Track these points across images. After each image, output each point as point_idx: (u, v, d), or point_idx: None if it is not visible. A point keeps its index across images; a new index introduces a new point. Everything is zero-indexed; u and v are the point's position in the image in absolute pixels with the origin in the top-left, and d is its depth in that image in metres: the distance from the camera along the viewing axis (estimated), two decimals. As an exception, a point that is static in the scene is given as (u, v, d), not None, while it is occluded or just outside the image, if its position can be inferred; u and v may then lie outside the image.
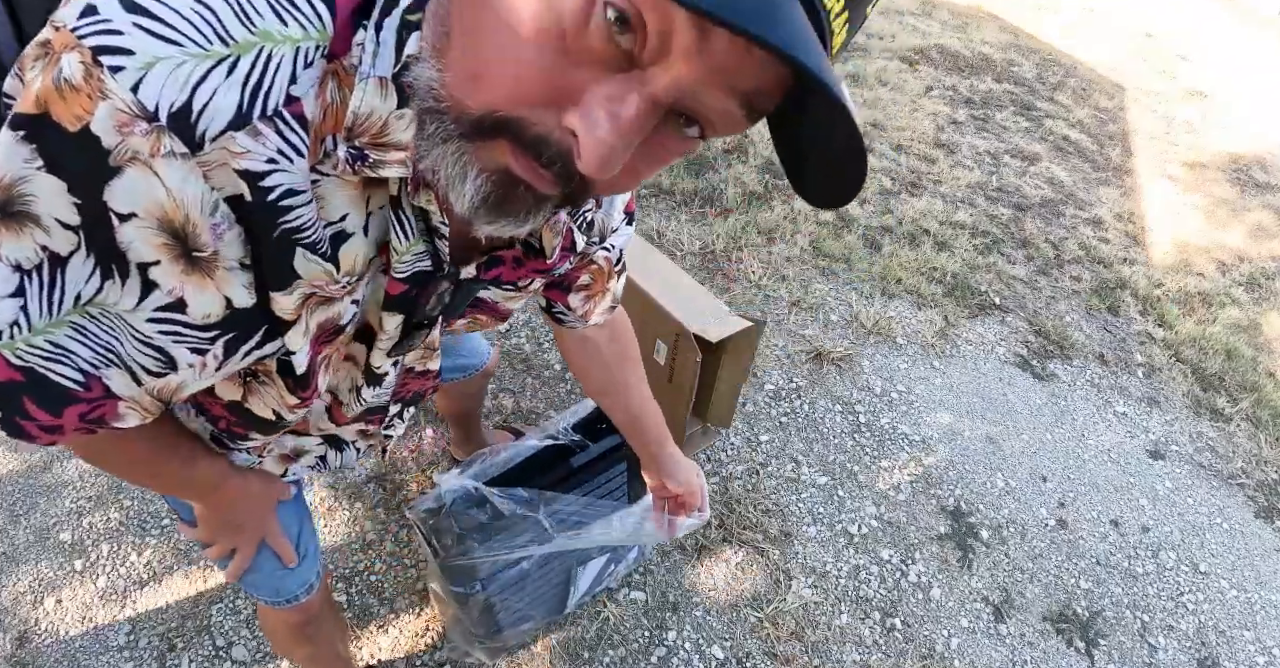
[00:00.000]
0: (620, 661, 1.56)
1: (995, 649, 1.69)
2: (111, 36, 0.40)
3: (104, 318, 0.48)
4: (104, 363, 0.50)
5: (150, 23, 0.41)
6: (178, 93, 0.41)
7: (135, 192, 0.42)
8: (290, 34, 0.43)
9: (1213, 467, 2.24)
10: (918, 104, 3.85)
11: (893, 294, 2.61)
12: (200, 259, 0.45)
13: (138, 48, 0.40)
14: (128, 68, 0.40)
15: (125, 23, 0.40)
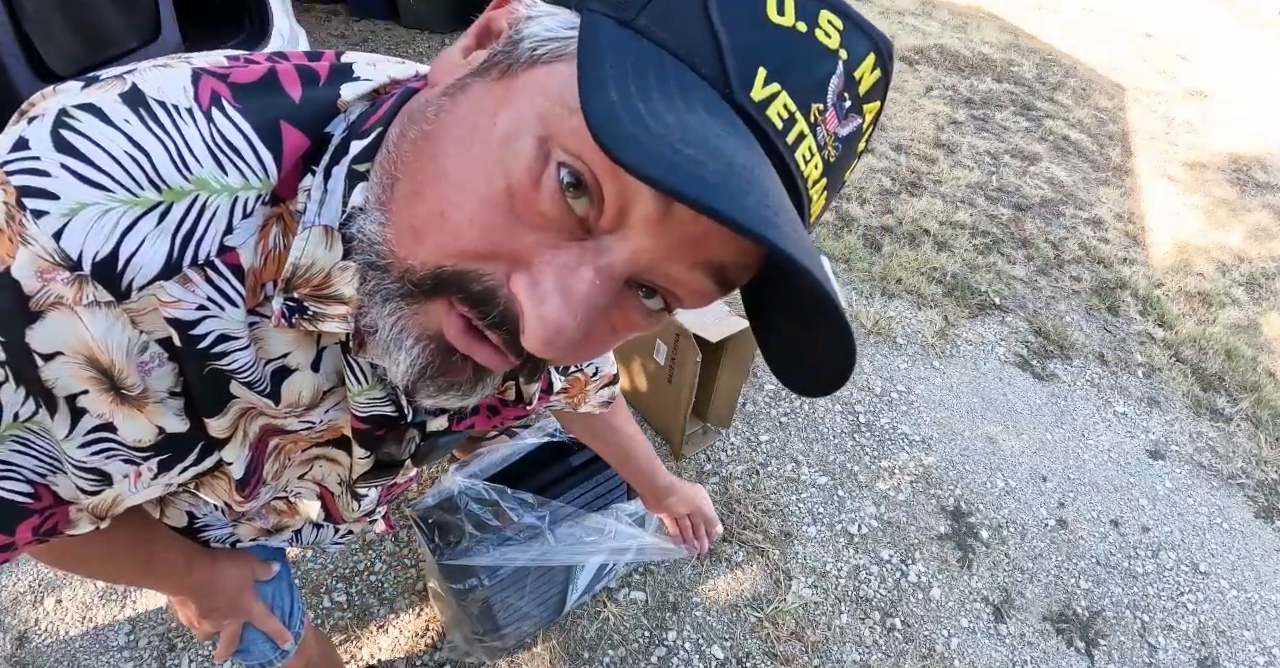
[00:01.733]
0: (620, 661, 1.56)
1: (995, 649, 1.69)
2: (38, 177, 0.38)
3: (45, 433, 0.46)
4: (50, 470, 0.48)
5: (79, 164, 0.39)
6: (102, 242, 0.39)
7: (57, 335, 0.40)
8: (229, 183, 0.41)
9: (1213, 467, 2.24)
10: (918, 104, 3.85)
11: (893, 294, 2.61)
12: (128, 394, 0.44)
13: (63, 192, 0.38)
14: (51, 213, 0.38)
15: (53, 163, 0.38)
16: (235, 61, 0.44)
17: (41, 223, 0.38)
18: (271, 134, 0.42)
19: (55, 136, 0.39)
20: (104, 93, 0.40)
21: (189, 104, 0.41)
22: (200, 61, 0.44)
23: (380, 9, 4.24)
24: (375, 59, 0.48)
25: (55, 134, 0.39)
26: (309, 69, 0.45)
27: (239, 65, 0.44)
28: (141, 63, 0.43)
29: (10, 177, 0.38)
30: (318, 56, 0.47)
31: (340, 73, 0.46)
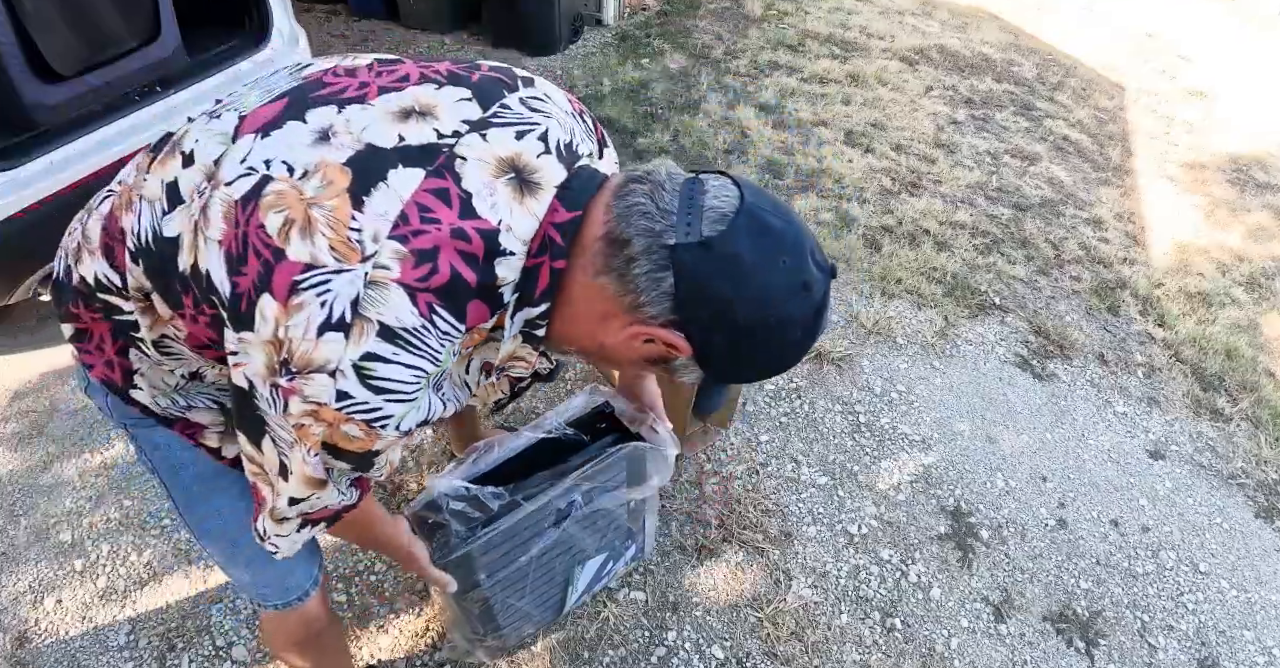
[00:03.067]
0: (620, 661, 1.56)
1: (995, 649, 1.69)
2: (375, 412, 0.63)
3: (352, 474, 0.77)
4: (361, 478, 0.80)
5: (392, 397, 0.63)
6: (420, 417, 0.67)
7: (392, 451, 0.73)
8: (451, 350, 0.65)
9: (1213, 467, 2.24)
10: (918, 104, 3.85)
11: (893, 294, 2.61)
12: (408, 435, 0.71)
13: (394, 412, 0.64)
14: (390, 424, 0.64)
15: (379, 401, 0.62)
16: (424, 264, 0.61)
17: (387, 429, 0.65)
18: (462, 313, 0.65)
19: (368, 386, 0.61)
20: (368, 339, 0.60)
21: (419, 322, 0.61)
22: (393, 265, 0.60)
23: (380, 9, 4.24)
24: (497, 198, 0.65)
25: (366, 384, 0.61)
26: (471, 254, 0.63)
27: (428, 268, 0.61)
28: (349, 277, 0.60)
29: (354, 416, 0.63)
30: (472, 214, 0.64)
31: (492, 248, 0.64)
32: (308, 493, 0.73)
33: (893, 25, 4.75)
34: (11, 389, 1.97)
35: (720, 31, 4.37)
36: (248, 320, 0.62)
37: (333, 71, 0.72)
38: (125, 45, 1.99)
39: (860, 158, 3.34)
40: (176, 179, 0.69)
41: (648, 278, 0.62)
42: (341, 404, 0.60)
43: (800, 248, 0.64)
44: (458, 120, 0.66)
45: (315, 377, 0.59)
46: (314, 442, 0.65)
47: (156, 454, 0.92)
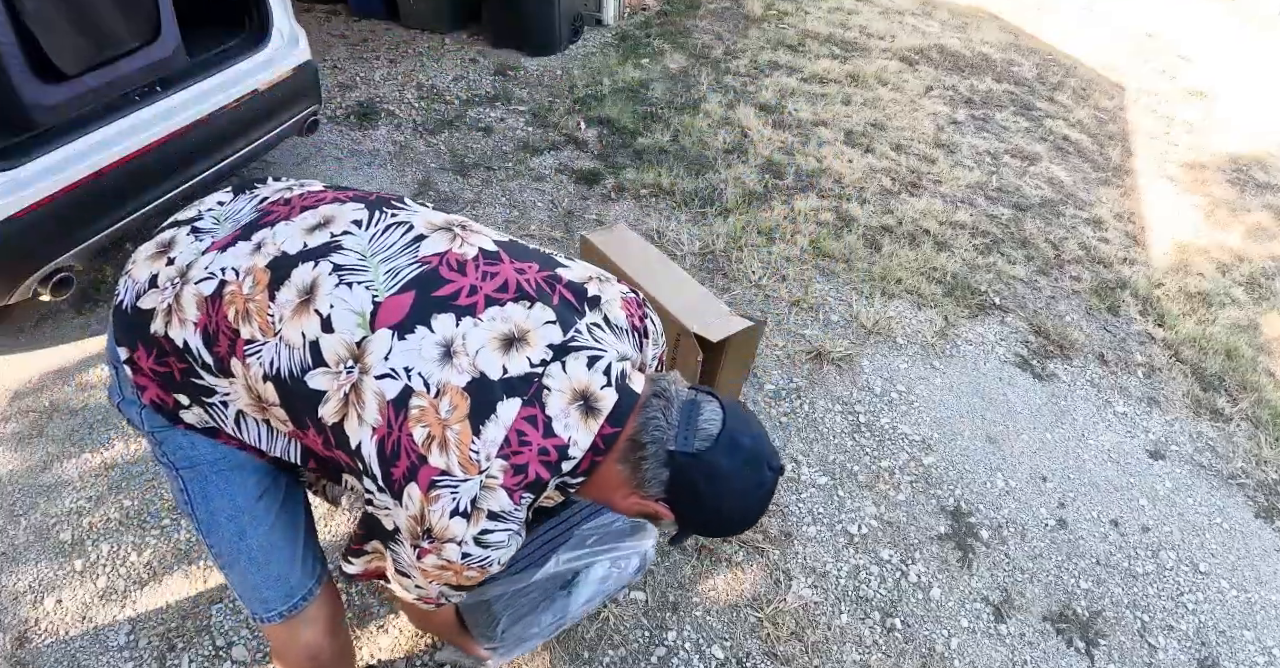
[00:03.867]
0: (620, 661, 1.56)
1: (995, 649, 1.69)
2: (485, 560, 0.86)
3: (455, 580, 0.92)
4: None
5: (497, 547, 0.86)
6: (511, 555, 0.89)
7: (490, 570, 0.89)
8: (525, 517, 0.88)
9: (1213, 467, 2.24)
10: (918, 104, 3.85)
11: (893, 294, 2.61)
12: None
13: (497, 556, 0.86)
14: (494, 563, 0.87)
15: (489, 553, 0.86)
16: (519, 474, 0.84)
17: (492, 567, 0.87)
18: (538, 496, 0.87)
19: (481, 545, 0.84)
20: (482, 521, 0.83)
21: (513, 507, 0.84)
22: (499, 474, 0.83)
23: (380, 9, 4.24)
24: (569, 420, 0.86)
25: (480, 545, 0.84)
26: (549, 462, 0.85)
27: (522, 477, 0.83)
28: (470, 483, 0.83)
29: (473, 565, 0.85)
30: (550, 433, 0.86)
31: (563, 456, 0.85)
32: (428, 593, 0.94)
33: (893, 25, 4.75)
34: (11, 389, 1.97)
35: (720, 31, 4.37)
36: (398, 495, 0.84)
37: (446, 262, 0.91)
38: (126, 46, 1.99)
39: (860, 158, 3.34)
40: (319, 340, 0.87)
41: (651, 471, 0.89)
42: (465, 560, 0.85)
43: (759, 459, 0.90)
44: (544, 346, 0.87)
45: (448, 546, 0.84)
46: (441, 580, 0.89)
47: (179, 453, 0.99)
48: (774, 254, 2.69)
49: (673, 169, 3.05)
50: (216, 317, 0.89)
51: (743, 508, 0.93)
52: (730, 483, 0.90)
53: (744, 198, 2.95)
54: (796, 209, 2.92)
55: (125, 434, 1.87)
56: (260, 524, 1.02)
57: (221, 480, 0.99)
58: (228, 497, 1.00)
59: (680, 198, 2.90)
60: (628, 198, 2.89)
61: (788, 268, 2.64)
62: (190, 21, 2.21)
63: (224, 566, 1.04)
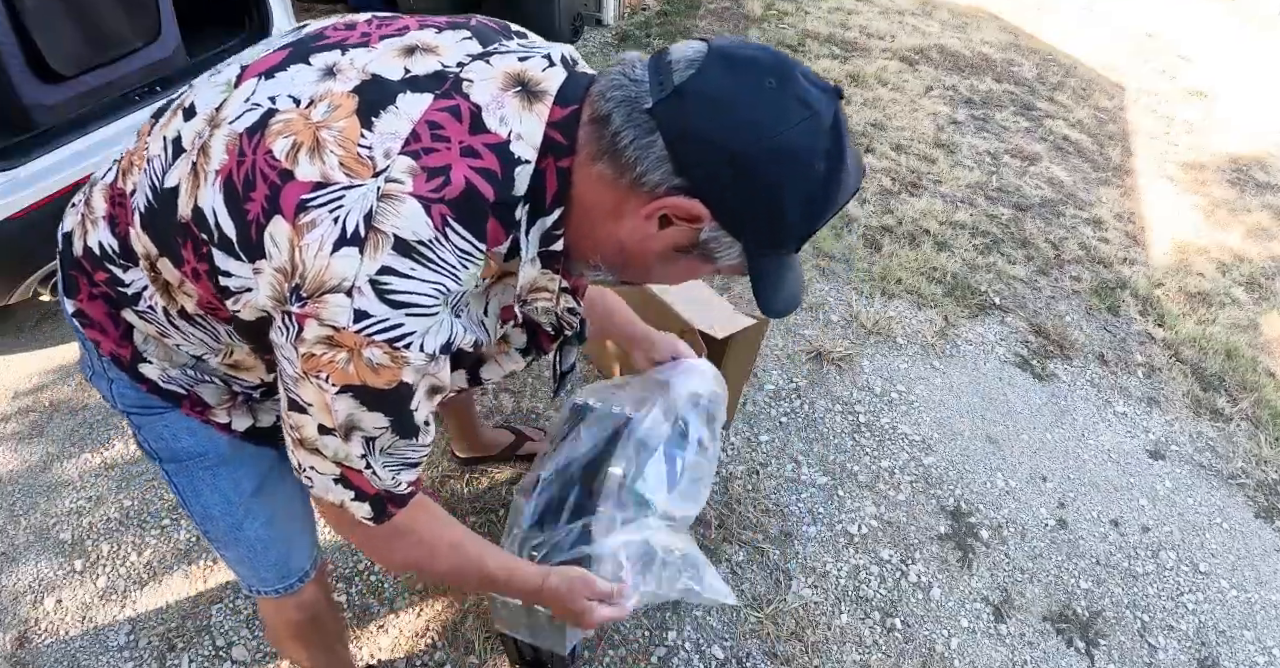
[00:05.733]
0: (620, 661, 1.56)
1: (995, 649, 1.69)
2: (396, 329, 0.60)
3: (400, 451, 0.72)
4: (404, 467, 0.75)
5: (412, 310, 0.60)
6: (444, 339, 0.64)
7: (423, 393, 0.67)
8: (472, 273, 0.64)
9: (1213, 467, 2.24)
10: (918, 104, 3.85)
11: (893, 294, 2.61)
12: (443, 390, 0.70)
13: (416, 328, 0.61)
14: (413, 341, 0.61)
15: (399, 316, 0.59)
16: (437, 178, 0.60)
17: (412, 350, 0.61)
18: (483, 232, 0.64)
19: (386, 301, 0.59)
20: (383, 253, 0.58)
21: (433, 234, 0.60)
22: (406, 179, 0.60)
23: (380, 8, 4.24)
24: (505, 110, 0.64)
25: (384, 299, 0.59)
26: (485, 169, 0.62)
27: (440, 180, 0.60)
28: (361, 191, 0.59)
29: (375, 337, 0.60)
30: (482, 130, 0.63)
31: (506, 161, 0.63)
32: (331, 423, 0.66)
33: (893, 25, 4.75)
34: (11, 389, 1.97)
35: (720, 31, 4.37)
36: (259, 249, 0.60)
37: (332, 27, 0.73)
38: (126, 46, 1.99)
39: (860, 158, 3.34)
40: (180, 133, 0.69)
41: (635, 147, 0.60)
42: (361, 325, 0.58)
43: (786, 68, 0.59)
44: (461, 54, 0.67)
45: (330, 298, 0.57)
46: (336, 375, 0.60)
47: (161, 444, 0.90)
48: (774, 254, 2.68)
49: (673, 169, 3.05)
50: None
51: (790, 144, 0.58)
52: (747, 104, 0.57)
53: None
54: (796, 209, 2.92)
55: (125, 434, 1.87)
56: (257, 518, 0.96)
57: (210, 477, 0.92)
58: (219, 493, 0.93)
59: (680, 198, 2.90)
60: (628, 198, 2.89)
61: (788, 268, 2.63)
62: (190, 21, 2.21)
63: (218, 547, 1.00)
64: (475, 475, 1.84)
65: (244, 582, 1.03)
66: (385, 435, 0.68)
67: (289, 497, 0.99)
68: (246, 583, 1.03)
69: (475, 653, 1.52)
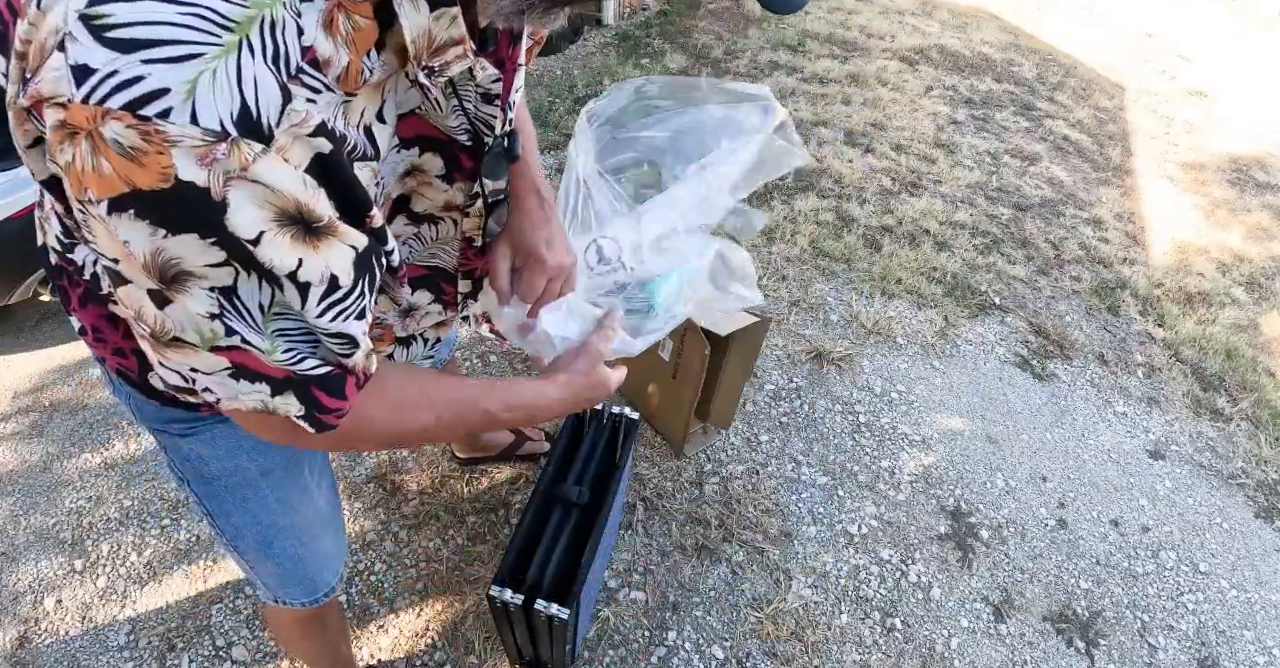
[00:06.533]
0: (620, 661, 1.56)
1: (995, 649, 1.69)
2: (133, 86, 0.39)
3: (290, 314, 0.52)
4: (315, 343, 0.56)
5: (154, 51, 0.39)
6: (230, 98, 0.41)
7: (249, 208, 0.43)
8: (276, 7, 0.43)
9: (1213, 467, 2.24)
10: (918, 104, 3.85)
11: (893, 294, 2.61)
12: (319, 228, 0.48)
13: (168, 81, 0.39)
14: (174, 106, 0.39)
15: (133, 64, 0.39)
16: None
17: (174, 118, 0.39)
18: None
19: (107, 42, 0.39)
20: None
21: None
22: None
23: None
24: None
25: (104, 40, 0.39)
26: None
27: None
28: None
29: (109, 102, 0.38)
30: None
31: None
32: (148, 274, 0.46)
33: (893, 25, 4.75)
34: (11, 389, 1.97)
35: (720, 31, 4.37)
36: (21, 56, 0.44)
37: None
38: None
39: (860, 158, 3.34)
40: None
41: None
42: (86, 89, 0.38)
43: None
44: None
45: (47, 64, 0.40)
46: (95, 185, 0.41)
47: (187, 466, 0.88)
48: (774, 254, 2.68)
49: (673, 169, 3.05)
50: None
51: None
52: None
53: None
54: (796, 209, 2.92)
55: (125, 434, 1.87)
56: (288, 537, 0.94)
57: (239, 499, 0.89)
58: (250, 515, 0.90)
59: (680, 198, 2.89)
60: (628, 198, 2.89)
61: (788, 268, 2.64)
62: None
63: (248, 563, 0.97)
64: (475, 475, 1.84)
65: (269, 593, 1.01)
66: (238, 281, 0.47)
67: (321, 515, 0.97)
68: (273, 594, 1.01)
69: (475, 653, 1.52)
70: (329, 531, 1.01)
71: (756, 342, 1.73)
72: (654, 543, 1.76)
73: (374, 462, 1.84)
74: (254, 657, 1.49)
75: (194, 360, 0.53)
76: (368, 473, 1.82)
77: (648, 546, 1.76)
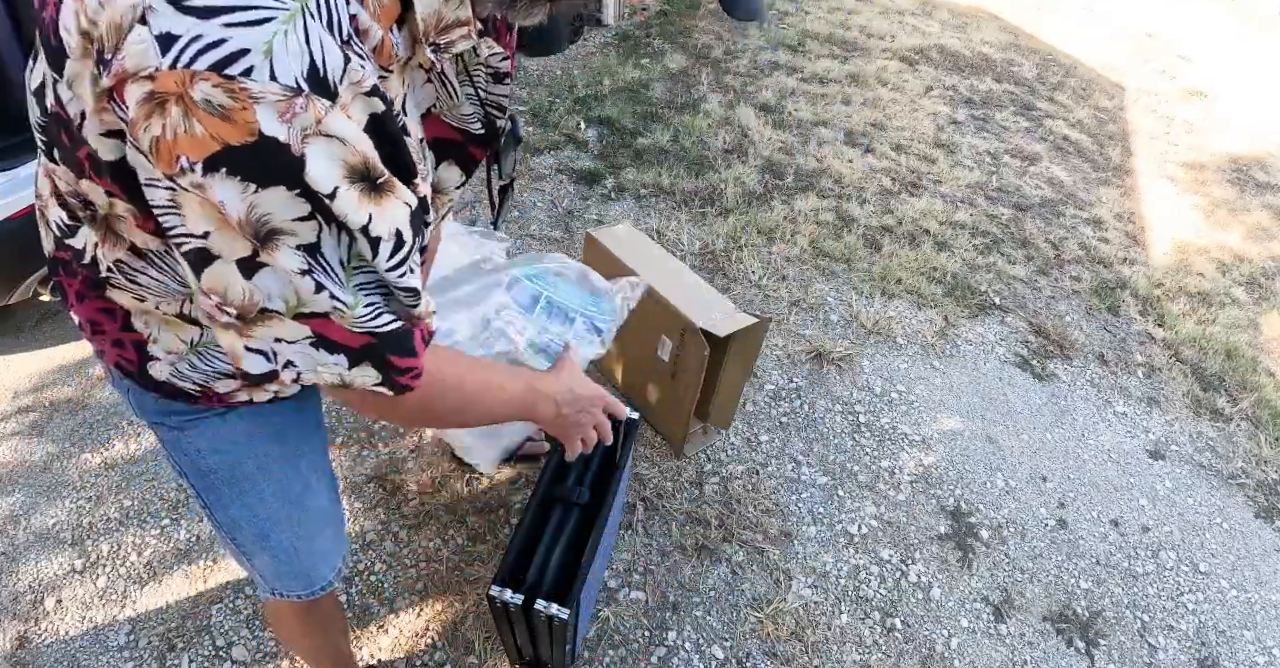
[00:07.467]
0: (620, 661, 1.56)
1: (995, 649, 1.69)
2: (216, 49, 0.43)
3: (365, 267, 0.55)
4: (387, 296, 0.58)
5: (234, 16, 0.43)
6: (300, 57, 0.45)
7: (325, 163, 0.47)
8: None
9: (1213, 467, 2.24)
10: (918, 104, 3.85)
11: (893, 294, 2.61)
12: (381, 184, 0.51)
13: (247, 43, 0.43)
14: (255, 65, 0.43)
15: (214, 28, 0.43)
16: None
17: (256, 76, 0.43)
18: None
19: (187, 10, 0.43)
20: None
21: None
22: None
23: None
24: None
25: (184, 8, 0.43)
26: None
27: None
28: None
29: (196, 64, 0.42)
30: None
31: None
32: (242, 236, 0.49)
33: (893, 25, 4.75)
34: (11, 389, 1.97)
35: (720, 31, 4.37)
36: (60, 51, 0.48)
37: None
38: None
39: (860, 158, 3.34)
40: None
41: None
42: (172, 55, 0.42)
43: None
44: None
45: (129, 39, 0.42)
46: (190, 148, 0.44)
47: (185, 459, 0.88)
48: (774, 254, 2.68)
49: (673, 169, 3.05)
50: None
51: None
52: None
53: (744, 198, 2.95)
54: (796, 209, 2.92)
55: (125, 434, 1.87)
56: (284, 532, 0.94)
57: (237, 493, 0.90)
58: (247, 508, 0.91)
59: (680, 198, 2.90)
60: (628, 198, 2.89)
61: (788, 268, 2.64)
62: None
63: (245, 554, 0.97)
64: (475, 475, 1.84)
65: (266, 585, 1.02)
66: (321, 235, 0.51)
67: (320, 511, 0.98)
68: (270, 585, 1.01)
69: (475, 653, 1.52)
70: (327, 527, 1.01)
71: (756, 342, 1.73)
72: (654, 543, 1.76)
73: (374, 462, 1.84)
74: (254, 657, 1.49)
75: (279, 330, 0.56)
76: (368, 473, 1.82)
77: (648, 546, 1.76)
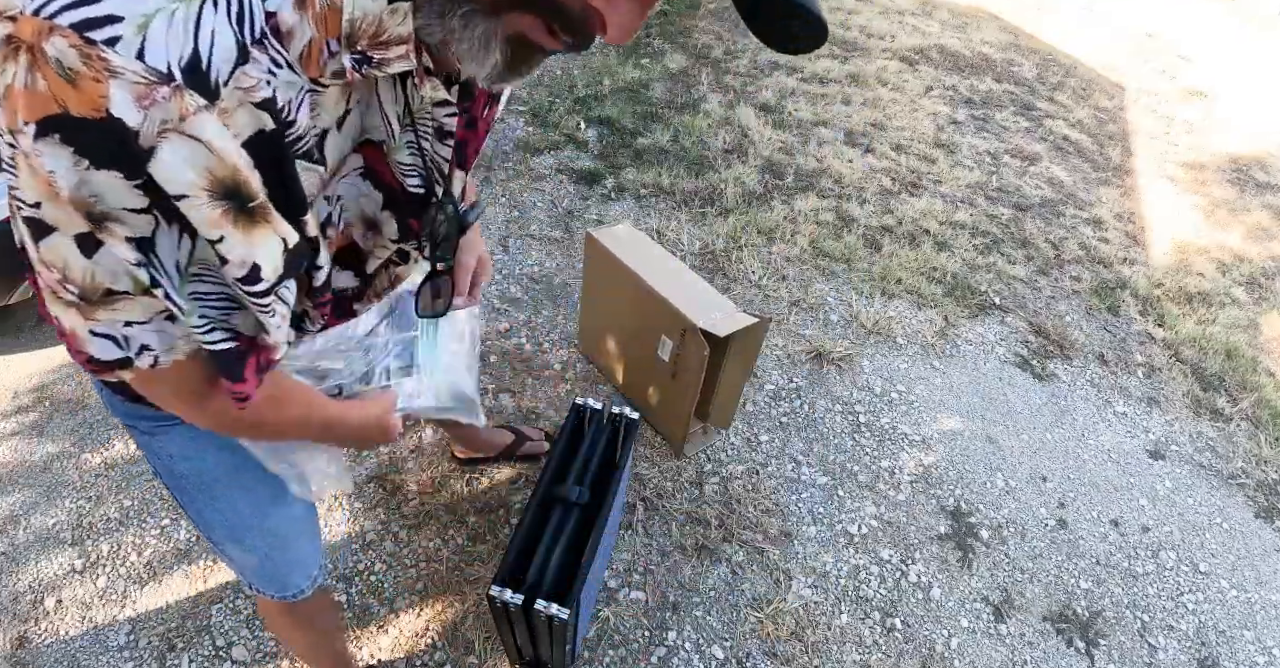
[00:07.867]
0: (620, 661, 1.56)
1: (995, 649, 1.69)
2: (88, 7, 0.37)
3: (209, 273, 0.49)
4: (231, 309, 0.53)
5: None
6: (182, 44, 0.39)
7: (181, 168, 0.41)
8: None
9: (1213, 467, 2.24)
10: (918, 104, 3.85)
11: (893, 294, 2.61)
12: (254, 208, 0.45)
13: (123, 10, 0.38)
14: (124, 36, 0.38)
15: None
16: None
17: (120, 48, 0.38)
18: None
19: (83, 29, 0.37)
20: None
21: None
22: None
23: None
24: None
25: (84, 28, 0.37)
26: None
27: None
28: None
29: (59, 18, 0.37)
30: None
31: None
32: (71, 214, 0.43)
33: (893, 25, 4.75)
34: (11, 389, 1.97)
35: (720, 31, 4.37)
36: None
37: None
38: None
39: (860, 158, 3.34)
40: None
41: None
42: (40, 1, 0.38)
43: None
44: None
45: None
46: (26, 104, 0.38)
47: (159, 463, 0.89)
48: (774, 254, 2.68)
49: (673, 169, 3.05)
50: None
51: None
52: None
53: (744, 198, 2.94)
54: (796, 209, 2.92)
55: (125, 434, 1.87)
56: (260, 538, 0.95)
57: (209, 497, 0.90)
58: (220, 514, 0.92)
59: (680, 198, 2.90)
60: (628, 198, 2.89)
61: (788, 268, 2.64)
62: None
63: (220, 550, 0.98)
64: (475, 475, 1.84)
65: (244, 581, 1.04)
66: (157, 233, 0.45)
67: (294, 521, 0.98)
68: (247, 582, 1.04)
69: (475, 653, 1.52)
70: (302, 537, 1.01)
71: (756, 342, 1.73)
72: (654, 543, 1.76)
73: (374, 462, 1.84)
74: (254, 657, 1.49)
75: (129, 311, 0.50)
76: (368, 473, 1.82)
77: (648, 546, 1.76)
